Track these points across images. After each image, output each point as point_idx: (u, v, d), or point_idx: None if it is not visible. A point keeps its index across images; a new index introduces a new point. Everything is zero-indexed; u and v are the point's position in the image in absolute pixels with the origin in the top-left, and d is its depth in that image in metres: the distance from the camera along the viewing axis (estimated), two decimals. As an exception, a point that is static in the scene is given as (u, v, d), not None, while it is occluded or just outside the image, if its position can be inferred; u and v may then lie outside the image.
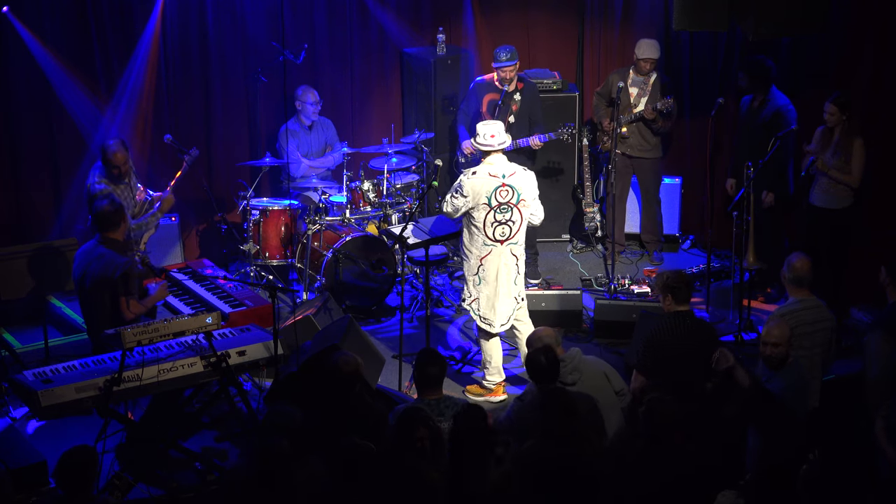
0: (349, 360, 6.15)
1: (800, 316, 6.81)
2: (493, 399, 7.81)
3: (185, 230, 10.13)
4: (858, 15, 8.99)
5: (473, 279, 7.70)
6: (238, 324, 7.51)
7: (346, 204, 9.55)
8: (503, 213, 7.55)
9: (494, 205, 7.52)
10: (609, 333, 8.70)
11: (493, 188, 7.51)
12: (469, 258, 7.69)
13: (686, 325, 6.78)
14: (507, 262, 7.67)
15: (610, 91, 9.96)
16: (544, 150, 10.11)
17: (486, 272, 7.65)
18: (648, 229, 10.31)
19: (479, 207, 7.52)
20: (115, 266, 7.16)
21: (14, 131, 9.27)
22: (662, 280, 6.92)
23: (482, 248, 7.62)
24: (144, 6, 9.58)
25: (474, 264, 7.66)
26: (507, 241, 7.62)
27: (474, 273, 7.68)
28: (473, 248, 7.65)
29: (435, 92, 10.38)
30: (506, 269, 7.67)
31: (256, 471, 5.32)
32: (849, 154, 8.42)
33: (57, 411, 6.33)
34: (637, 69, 9.82)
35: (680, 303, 6.84)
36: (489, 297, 7.70)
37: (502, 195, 7.53)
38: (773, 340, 6.28)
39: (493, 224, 7.56)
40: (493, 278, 7.66)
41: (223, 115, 10.23)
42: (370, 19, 10.67)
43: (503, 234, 7.60)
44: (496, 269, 7.65)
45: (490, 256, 7.62)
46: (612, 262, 9.73)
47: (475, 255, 7.65)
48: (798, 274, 6.92)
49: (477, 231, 7.58)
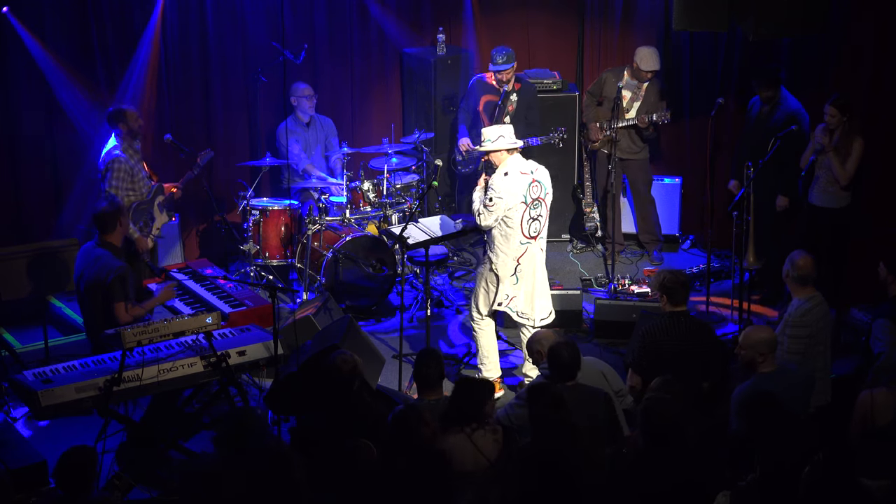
0: (347, 360, 6.15)
1: (815, 313, 6.85)
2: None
3: (185, 230, 10.14)
4: (858, 15, 8.98)
5: (511, 280, 7.66)
6: (238, 324, 7.51)
7: (346, 204, 9.55)
8: (535, 209, 7.59)
9: (529, 202, 7.55)
10: (609, 333, 8.71)
11: (526, 185, 7.53)
12: (505, 260, 7.63)
13: (682, 325, 6.78)
14: (540, 257, 7.75)
15: (601, 89, 9.96)
16: (544, 151, 10.10)
17: (523, 270, 7.65)
18: (645, 230, 10.31)
19: (515, 207, 7.52)
20: (109, 270, 7.17)
21: (14, 131, 9.26)
22: (659, 280, 6.93)
23: (518, 248, 7.60)
24: (145, 6, 9.58)
25: (511, 265, 7.62)
26: (538, 236, 7.68)
27: (511, 273, 7.64)
28: (508, 249, 7.60)
29: (435, 92, 10.38)
30: (540, 264, 7.75)
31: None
32: (847, 154, 8.43)
33: (57, 411, 6.33)
34: (635, 75, 9.79)
35: (676, 303, 6.84)
36: (528, 293, 7.72)
37: (534, 191, 7.57)
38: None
39: (529, 221, 7.58)
40: (532, 274, 7.69)
41: (223, 115, 10.24)
42: (370, 19, 10.67)
43: (536, 229, 7.64)
44: (533, 265, 7.68)
45: (526, 255, 7.63)
46: (612, 262, 9.73)
47: (510, 256, 7.61)
48: (803, 272, 6.92)
49: (512, 231, 7.55)
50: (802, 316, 6.83)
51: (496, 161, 7.60)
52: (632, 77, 9.81)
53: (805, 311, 6.85)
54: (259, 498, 5.03)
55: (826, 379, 6.91)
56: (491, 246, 7.68)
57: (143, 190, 8.55)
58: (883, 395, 5.73)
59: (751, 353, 6.31)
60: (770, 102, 9.11)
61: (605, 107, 9.93)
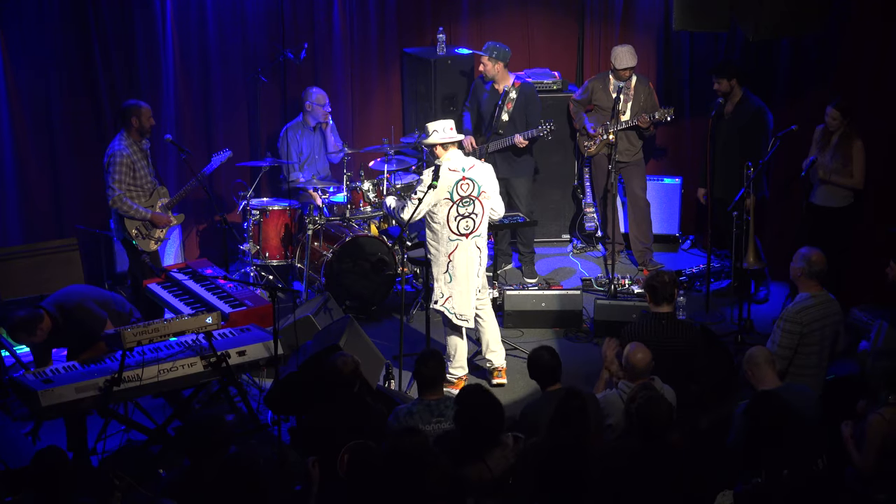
0: (347, 361, 6.15)
1: (811, 312, 6.82)
2: (455, 392, 7.78)
3: (185, 230, 10.14)
4: (858, 15, 8.98)
5: (444, 277, 7.73)
6: (238, 324, 7.51)
7: (346, 204, 9.55)
8: (466, 207, 7.61)
9: (456, 199, 7.58)
10: (609, 333, 8.66)
11: (453, 182, 7.56)
12: (437, 257, 7.72)
13: (661, 326, 6.77)
14: (472, 255, 7.73)
15: (590, 98, 9.96)
16: (544, 151, 10.12)
17: (455, 268, 7.70)
18: (638, 237, 10.14)
19: (440, 203, 7.56)
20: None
21: (15, 132, 9.25)
22: (645, 279, 6.92)
23: (448, 244, 7.66)
24: (145, 6, 9.58)
25: (443, 262, 7.70)
26: (471, 234, 7.68)
27: (444, 271, 7.71)
28: (440, 245, 7.68)
29: (435, 92, 10.38)
30: (471, 262, 7.74)
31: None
32: (848, 157, 8.43)
33: (57, 411, 6.34)
34: (616, 76, 9.78)
35: (658, 303, 6.83)
36: (462, 292, 7.74)
37: (463, 188, 7.59)
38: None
39: (457, 218, 7.61)
40: (464, 273, 7.71)
41: (223, 115, 10.23)
42: (370, 19, 10.67)
43: (468, 227, 7.66)
44: (465, 263, 7.70)
45: (457, 252, 7.67)
46: (612, 262, 9.73)
47: (442, 252, 7.69)
48: (816, 268, 6.90)
49: (439, 227, 7.63)
50: (798, 312, 6.81)
51: (438, 155, 7.69)
52: (616, 79, 9.79)
53: (802, 308, 6.83)
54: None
55: (816, 379, 6.84)
56: (426, 243, 7.76)
57: (146, 187, 8.54)
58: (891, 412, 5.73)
59: (747, 367, 6.30)
60: (729, 99, 9.08)
61: (599, 112, 9.93)
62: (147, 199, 8.56)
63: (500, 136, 9.51)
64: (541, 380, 6.30)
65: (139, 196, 8.51)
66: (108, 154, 8.38)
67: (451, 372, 7.86)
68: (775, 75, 9.74)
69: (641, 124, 9.69)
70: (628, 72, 9.68)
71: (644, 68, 10.25)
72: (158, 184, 8.72)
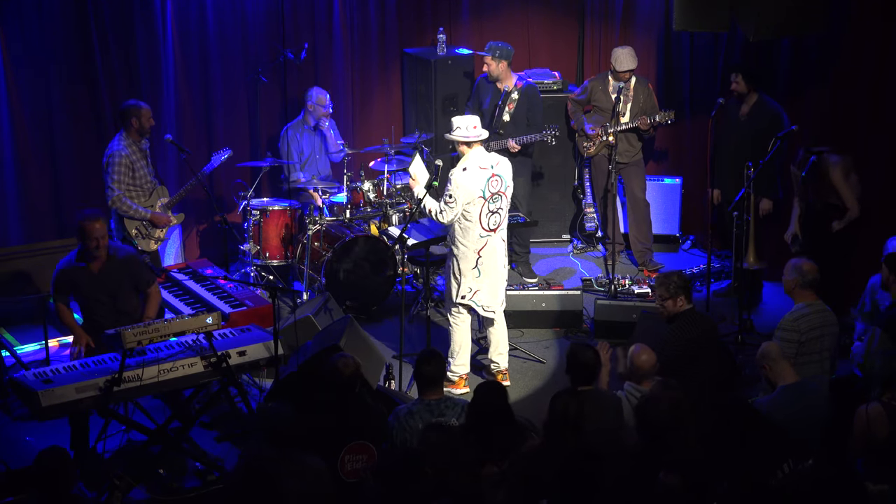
0: (348, 362, 6.14)
1: (809, 320, 6.82)
2: (455, 391, 7.79)
3: (185, 230, 10.14)
4: (858, 15, 8.98)
5: (473, 273, 7.72)
6: (238, 324, 7.51)
7: (346, 204, 9.55)
8: (495, 203, 7.64)
9: (488, 196, 7.59)
10: (609, 333, 8.70)
11: (485, 180, 7.57)
12: (466, 253, 7.71)
13: (699, 321, 6.87)
14: (500, 249, 7.79)
15: (589, 98, 9.96)
16: (545, 151, 10.11)
17: (485, 263, 7.71)
18: (638, 238, 10.14)
19: (474, 202, 7.56)
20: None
21: (15, 131, 9.25)
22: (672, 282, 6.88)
23: (478, 241, 7.67)
24: (145, 6, 9.58)
25: (472, 258, 7.70)
26: (498, 228, 7.72)
27: (473, 266, 7.71)
28: (468, 242, 7.68)
29: (435, 92, 10.38)
30: (499, 255, 7.79)
31: (243, 483, 5.24)
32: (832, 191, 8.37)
33: (57, 411, 6.33)
34: (616, 77, 9.77)
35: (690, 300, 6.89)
36: (492, 285, 7.75)
37: (494, 185, 7.62)
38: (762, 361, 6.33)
39: (488, 214, 7.63)
40: (493, 267, 7.74)
41: (223, 115, 10.23)
42: (370, 19, 10.67)
43: (496, 222, 7.69)
44: (493, 257, 7.73)
45: (486, 247, 7.69)
46: (612, 263, 9.73)
47: (471, 248, 7.69)
48: (809, 277, 6.90)
49: (471, 225, 7.63)
50: (795, 321, 6.81)
51: (462, 152, 7.70)
52: (615, 80, 9.79)
53: (799, 316, 6.84)
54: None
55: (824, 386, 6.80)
56: (452, 239, 7.75)
57: (145, 187, 8.54)
58: (875, 411, 5.75)
59: (763, 364, 6.30)
60: (745, 100, 9.08)
61: (598, 113, 9.92)
62: (147, 198, 8.56)
63: (501, 136, 9.51)
64: (577, 377, 6.14)
65: (139, 196, 8.51)
66: (107, 154, 8.38)
67: (453, 370, 7.86)
68: (775, 75, 9.72)
69: (642, 126, 9.69)
70: (628, 74, 9.68)
71: (644, 68, 10.25)
72: (158, 183, 8.72)
